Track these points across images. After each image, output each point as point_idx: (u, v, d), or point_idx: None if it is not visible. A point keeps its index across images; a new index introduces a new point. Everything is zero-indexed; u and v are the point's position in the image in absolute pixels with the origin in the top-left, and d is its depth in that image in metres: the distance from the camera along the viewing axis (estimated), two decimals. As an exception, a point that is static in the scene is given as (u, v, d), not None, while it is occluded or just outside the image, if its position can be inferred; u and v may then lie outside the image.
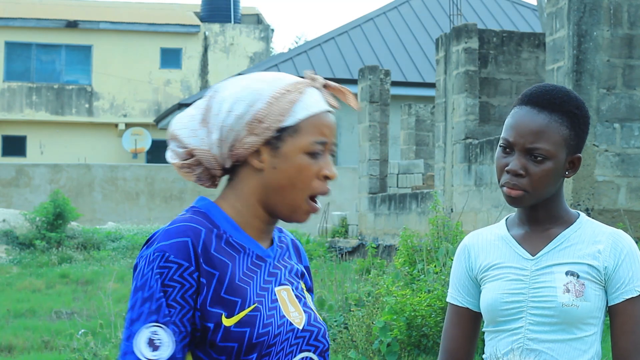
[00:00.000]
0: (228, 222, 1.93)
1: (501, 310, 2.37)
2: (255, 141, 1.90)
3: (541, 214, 2.40)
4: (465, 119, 12.77)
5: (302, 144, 1.90)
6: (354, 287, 9.10)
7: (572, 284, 2.33)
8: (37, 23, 34.15)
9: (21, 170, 25.95)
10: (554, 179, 2.34)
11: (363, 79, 17.51)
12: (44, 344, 9.02)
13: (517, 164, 2.33)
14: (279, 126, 1.90)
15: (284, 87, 1.93)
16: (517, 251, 2.40)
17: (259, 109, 1.90)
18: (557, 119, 2.33)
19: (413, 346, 7.62)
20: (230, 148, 1.91)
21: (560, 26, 9.83)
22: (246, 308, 1.87)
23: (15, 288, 13.23)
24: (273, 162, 1.90)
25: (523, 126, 2.33)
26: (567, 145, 2.34)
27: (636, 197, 9.66)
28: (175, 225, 1.88)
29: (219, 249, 1.89)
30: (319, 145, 1.92)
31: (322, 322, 2.01)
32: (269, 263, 1.96)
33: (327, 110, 1.96)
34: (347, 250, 16.70)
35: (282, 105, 1.90)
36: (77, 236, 18.66)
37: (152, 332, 1.81)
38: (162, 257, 1.84)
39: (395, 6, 29.65)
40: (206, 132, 1.92)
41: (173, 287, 1.83)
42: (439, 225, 9.60)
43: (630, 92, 9.66)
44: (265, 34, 36.19)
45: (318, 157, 1.92)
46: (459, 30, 13.11)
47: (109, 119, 34.39)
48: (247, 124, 1.90)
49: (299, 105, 1.92)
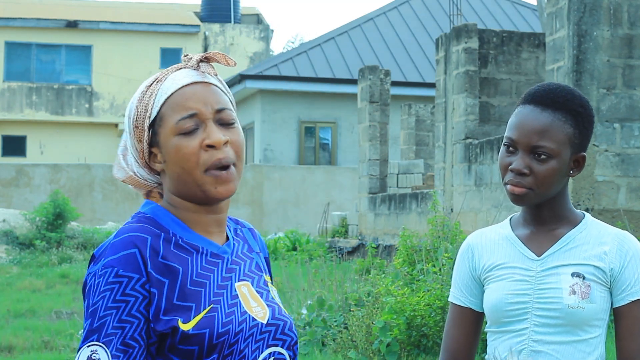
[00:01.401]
0: (176, 224, 1.91)
1: (506, 311, 2.36)
2: (142, 147, 1.92)
3: (546, 213, 2.38)
4: (465, 119, 12.77)
5: (170, 127, 1.88)
6: (354, 287, 9.09)
7: (578, 285, 2.31)
8: (37, 23, 34.15)
9: (21, 170, 25.95)
10: (558, 178, 2.33)
11: (363, 79, 17.51)
12: (44, 344, 9.02)
13: (521, 162, 2.31)
14: (149, 123, 1.90)
15: (146, 85, 1.93)
16: (522, 251, 2.39)
17: (132, 117, 1.92)
18: (561, 117, 2.32)
19: (413, 346, 7.62)
20: (140, 163, 1.95)
21: (560, 26, 9.83)
22: (201, 311, 1.84)
23: (15, 288, 13.23)
24: (162, 156, 1.91)
25: (527, 125, 2.32)
26: (571, 144, 2.33)
27: (636, 197, 9.66)
28: (120, 238, 1.85)
29: (169, 254, 1.86)
30: (187, 121, 1.87)
31: (288, 315, 1.98)
32: (226, 259, 1.93)
33: (191, 83, 1.90)
34: (347, 250, 16.70)
35: (144, 103, 1.91)
36: (77, 236, 18.66)
37: (92, 351, 1.78)
38: (111, 273, 1.81)
39: (395, 6, 29.65)
40: (128, 159, 1.97)
41: (126, 301, 1.80)
42: (438, 225, 9.60)
43: (630, 92, 9.66)
44: (265, 34, 36.20)
45: (195, 132, 1.88)
46: (459, 30, 13.11)
47: (109, 119, 34.39)
48: (133, 135, 1.93)
49: (159, 94, 1.90)
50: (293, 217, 24.79)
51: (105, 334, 1.79)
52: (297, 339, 1.98)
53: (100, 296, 1.81)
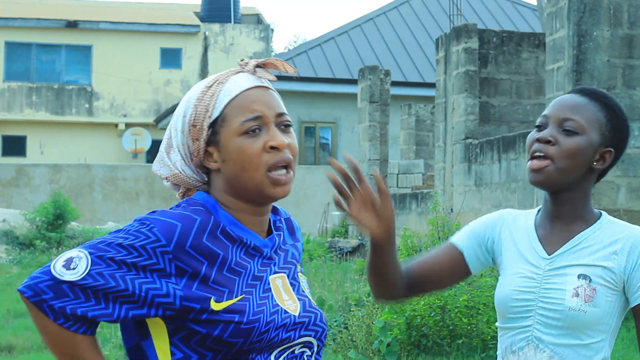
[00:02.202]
0: (225, 217, 1.96)
1: (511, 306, 2.34)
2: (199, 146, 1.96)
3: (565, 210, 2.36)
4: (465, 119, 12.77)
5: (234, 128, 1.93)
6: (354, 287, 9.10)
7: (582, 288, 2.28)
8: (37, 23, 34.14)
9: (21, 170, 25.94)
10: (581, 159, 2.31)
11: (363, 79, 17.51)
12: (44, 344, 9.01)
13: (548, 132, 2.32)
14: (209, 123, 1.94)
15: (205, 85, 1.98)
16: (535, 248, 2.37)
17: (190, 115, 1.96)
18: (597, 105, 2.34)
19: (413, 346, 7.62)
20: (192, 162, 1.99)
21: (560, 26, 9.83)
22: (234, 298, 1.88)
23: (15, 288, 13.20)
24: (221, 156, 1.94)
25: (561, 102, 2.36)
26: (600, 130, 2.33)
27: (636, 197, 9.66)
28: (172, 211, 1.92)
29: (212, 238, 1.91)
30: (252, 122, 1.93)
31: (317, 307, 2.03)
32: (265, 253, 1.99)
33: (254, 87, 1.97)
34: (347, 250, 16.70)
35: (205, 102, 1.95)
36: (77, 236, 18.66)
37: (77, 256, 1.83)
38: (146, 225, 1.87)
39: (395, 6, 29.65)
40: (173, 157, 2.00)
41: (140, 254, 1.84)
42: (438, 225, 9.60)
43: (630, 92, 9.66)
44: (265, 33, 36.20)
45: (259, 133, 1.93)
46: (459, 30, 13.11)
47: (109, 119, 34.38)
48: (188, 134, 1.96)
49: (221, 95, 1.95)
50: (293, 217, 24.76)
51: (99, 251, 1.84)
52: (326, 328, 2.04)
53: (123, 234, 1.87)
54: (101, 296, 1.82)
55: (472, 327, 7.69)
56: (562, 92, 9.90)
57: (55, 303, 1.82)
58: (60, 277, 1.82)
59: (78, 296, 1.82)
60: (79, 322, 1.84)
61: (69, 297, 1.82)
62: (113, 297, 1.82)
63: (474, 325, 7.68)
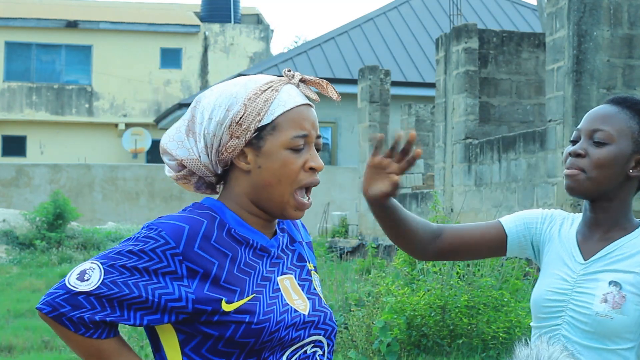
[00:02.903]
0: (232, 218, 1.97)
1: (543, 306, 2.37)
2: (237, 144, 1.94)
3: (601, 217, 2.36)
4: (465, 119, 12.77)
5: (283, 140, 1.94)
6: (354, 287, 9.09)
7: (611, 294, 2.28)
8: (37, 23, 34.14)
9: (21, 170, 25.94)
10: (613, 168, 2.31)
11: (363, 79, 17.51)
12: (44, 344, 9.02)
13: (579, 146, 2.33)
14: (257, 126, 1.93)
15: (258, 87, 1.97)
16: (573, 252, 2.38)
17: (236, 112, 1.94)
18: (629, 112, 2.34)
19: (413, 346, 7.62)
20: (217, 154, 1.96)
21: (560, 26, 9.83)
22: (244, 298, 1.90)
23: (15, 288, 13.23)
24: (258, 161, 1.94)
25: (592, 114, 2.36)
26: (633, 138, 2.32)
27: (636, 197, 9.67)
28: (179, 214, 1.94)
29: (221, 240, 1.93)
30: (300, 139, 1.95)
31: (327, 306, 2.05)
32: (272, 253, 2.00)
33: (304, 104, 1.99)
34: (347, 250, 16.70)
35: (257, 105, 1.94)
36: (77, 236, 18.66)
37: (90, 267, 1.86)
38: (154, 229, 1.88)
39: (395, 6, 29.65)
40: (193, 142, 1.98)
41: (150, 257, 1.86)
42: (439, 225, 9.59)
43: (630, 92, 9.65)
44: (265, 34, 36.19)
45: (301, 151, 1.96)
46: (459, 30, 13.11)
47: (109, 119, 34.38)
48: (227, 128, 1.94)
49: (275, 103, 1.95)
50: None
51: (110, 261, 1.86)
52: (336, 327, 2.06)
53: (132, 241, 1.89)
54: (116, 304, 1.85)
55: (473, 327, 7.69)
56: (562, 92, 9.90)
57: (74, 314, 1.84)
58: (75, 289, 1.85)
59: (94, 306, 1.85)
60: (100, 328, 1.87)
61: (85, 307, 1.84)
62: (127, 304, 1.85)
63: (474, 325, 7.68)
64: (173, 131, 2.00)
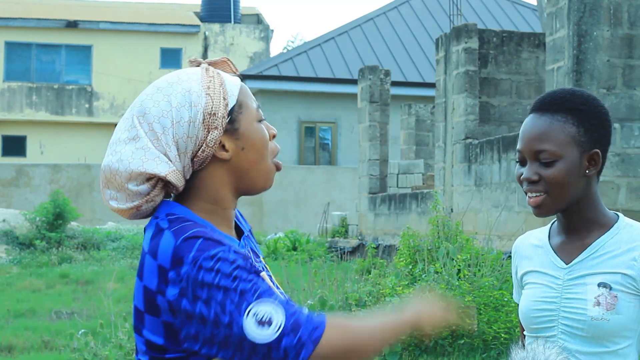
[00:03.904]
0: (210, 226, 1.89)
1: (533, 317, 2.35)
2: (216, 135, 1.87)
3: (575, 220, 2.34)
4: (465, 119, 12.77)
5: (251, 115, 1.93)
6: (354, 287, 9.09)
7: (603, 296, 2.27)
8: (37, 23, 34.15)
9: (21, 170, 25.95)
10: (570, 180, 2.29)
11: (363, 79, 17.51)
12: (44, 344, 9.02)
13: (529, 171, 2.30)
14: (228, 110, 1.89)
15: (203, 75, 1.91)
16: (552, 259, 2.36)
17: (205, 104, 1.87)
18: (560, 118, 2.30)
19: (414, 346, 7.62)
20: (192, 156, 1.88)
21: (560, 26, 9.83)
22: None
23: (15, 288, 13.23)
24: (239, 144, 1.90)
25: (527, 133, 2.32)
26: (576, 143, 2.29)
27: (636, 197, 9.66)
28: (196, 230, 1.82)
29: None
30: (259, 109, 1.97)
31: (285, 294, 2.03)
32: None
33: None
34: (347, 250, 16.70)
35: (219, 91, 1.90)
36: (77, 236, 18.66)
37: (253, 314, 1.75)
38: (229, 250, 1.79)
39: (395, 6, 29.65)
40: (164, 153, 1.87)
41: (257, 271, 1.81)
42: (439, 225, 9.60)
43: (630, 92, 9.65)
44: (265, 34, 36.20)
45: (261, 122, 1.96)
46: (459, 30, 13.10)
47: (109, 119, 34.39)
48: (201, 123, 1.87)
49: (227, 85, 1.92)
50: (293, 217, 24.78)
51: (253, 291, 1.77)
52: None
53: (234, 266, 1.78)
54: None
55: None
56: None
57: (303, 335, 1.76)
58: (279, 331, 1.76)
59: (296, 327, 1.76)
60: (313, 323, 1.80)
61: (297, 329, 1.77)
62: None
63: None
64: (139, 154, 1.85)
